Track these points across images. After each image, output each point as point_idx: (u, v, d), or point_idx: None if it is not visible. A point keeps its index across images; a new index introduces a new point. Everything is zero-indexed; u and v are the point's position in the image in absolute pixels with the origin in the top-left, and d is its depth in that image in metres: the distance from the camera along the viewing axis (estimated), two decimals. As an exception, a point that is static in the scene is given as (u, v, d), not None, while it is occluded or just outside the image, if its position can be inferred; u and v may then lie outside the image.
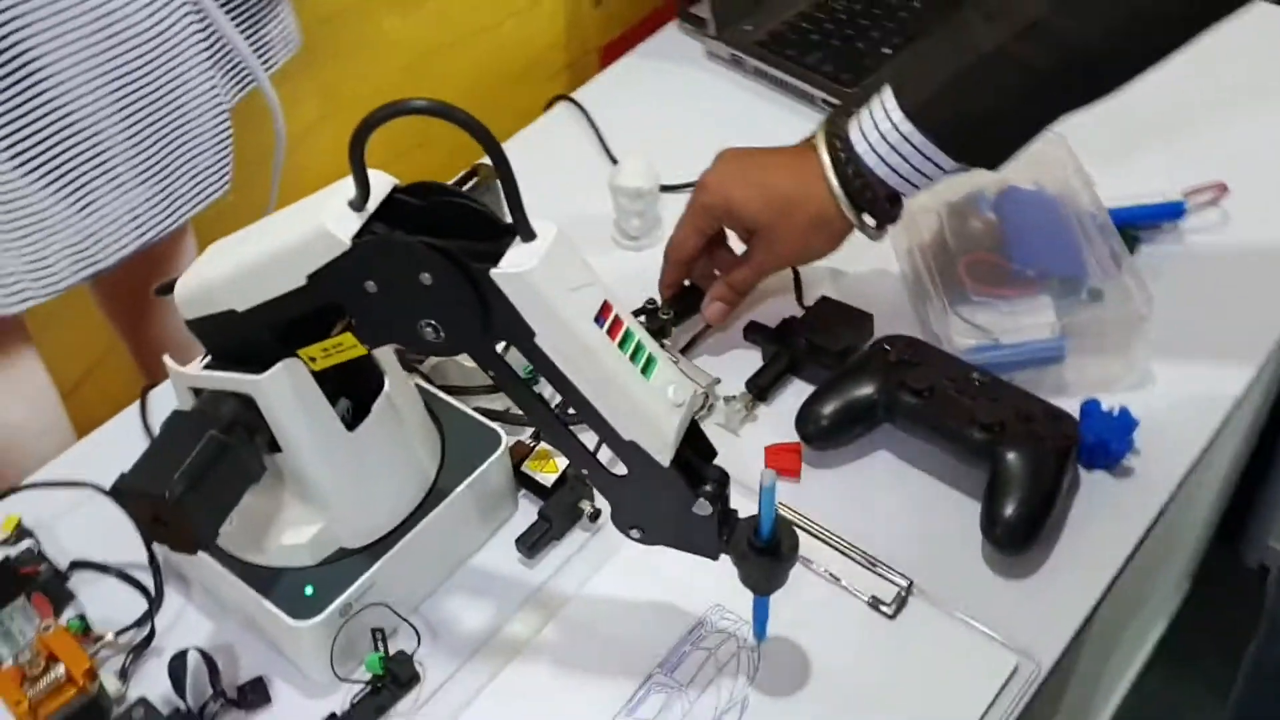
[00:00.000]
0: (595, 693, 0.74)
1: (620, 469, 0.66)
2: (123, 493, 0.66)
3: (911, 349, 0.85)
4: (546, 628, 0.78)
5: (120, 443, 0.90)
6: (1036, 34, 0.74)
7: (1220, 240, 0.99)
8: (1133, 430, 0.82)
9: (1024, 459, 0.78)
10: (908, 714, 0.73)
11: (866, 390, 0.84)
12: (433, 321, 0.62)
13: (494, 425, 0.81)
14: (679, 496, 0.65)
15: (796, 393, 0.89)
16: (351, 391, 0.74)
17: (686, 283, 0.94)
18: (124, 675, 0.77)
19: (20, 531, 0.83)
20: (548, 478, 0.83)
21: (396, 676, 0.75)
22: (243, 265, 0.66)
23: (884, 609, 0.77)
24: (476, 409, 0.83)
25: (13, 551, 0.82)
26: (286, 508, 0.74)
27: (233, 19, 0.95)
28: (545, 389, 0.67)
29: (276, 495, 0.74)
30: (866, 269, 0.99)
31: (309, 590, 0.73)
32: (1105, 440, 0.81)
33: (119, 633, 0.79)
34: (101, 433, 0.94)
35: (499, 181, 0.59)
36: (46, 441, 0.96)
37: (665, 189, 1.04)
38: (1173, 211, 0.97)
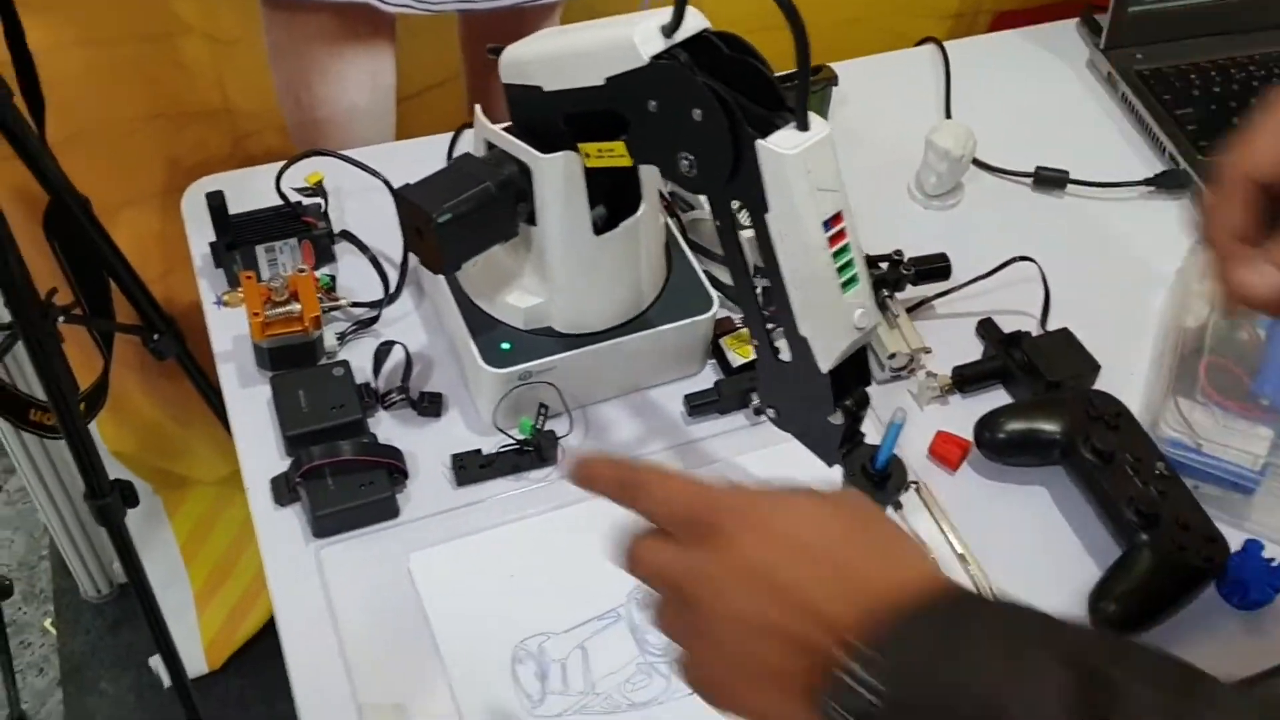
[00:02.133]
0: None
1: (785, 355, 0.72)
2: (402, 198, 0.77)
3: (1114, 413, 0.86)
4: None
5: (423, 160, 0.99)
6: None
7: None
8: (1280, 587, 0.82)
9: (1158, 557, 0.79)
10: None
11: (1054, 427, 0.86)
12: (690, 156, 0.68)
13: (713, 291, 0.88)
14: (821, 400, 0.71)
15: (993, 400, 0.91)
16: (610, 203, 0.82)
17: None
18: (341, 339, 0.90)
19: (319, 189, 0.95)
20: (737, 359, 0.90)
21: (540, 448, 0.85)
22: (560, 49, 0.74)
23: (959, 613, 0.81)
24: (706, 273, 0.90)
25: (306, 201, 0.96)
26: (523, 274, 0.84)
27: None
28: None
29: (520, 260, 0.84)
30: (1128, 325, 0.98)
31: (506, 345, 0.84)
32: (1247, 582, 0.81)
33: (354, 304, 0.92)
34: (413, 144, 1.06)
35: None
36: (372, 130, 1.10)
37: (977, 164, 1.06)
38: None
